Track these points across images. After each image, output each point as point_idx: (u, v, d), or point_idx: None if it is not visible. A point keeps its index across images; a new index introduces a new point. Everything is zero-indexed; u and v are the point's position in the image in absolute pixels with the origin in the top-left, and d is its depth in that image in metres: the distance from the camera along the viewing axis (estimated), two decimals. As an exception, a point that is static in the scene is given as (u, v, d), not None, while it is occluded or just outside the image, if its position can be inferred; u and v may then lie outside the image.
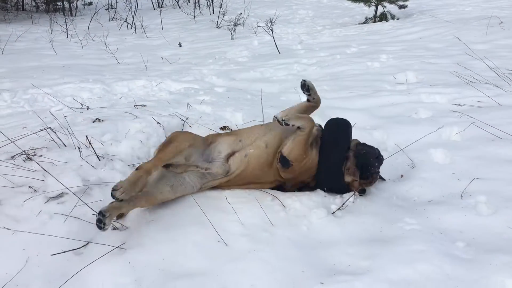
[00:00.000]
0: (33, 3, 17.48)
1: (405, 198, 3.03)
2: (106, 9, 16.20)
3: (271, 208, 2.73)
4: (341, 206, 2.77)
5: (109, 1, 17.00)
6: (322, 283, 2.15)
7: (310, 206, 2.75)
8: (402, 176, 3.38)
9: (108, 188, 2.84)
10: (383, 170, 3.40)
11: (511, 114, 4.15)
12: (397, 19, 11.54)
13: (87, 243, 2.43)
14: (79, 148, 3.12)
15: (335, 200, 2.85)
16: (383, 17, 11.69)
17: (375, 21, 11.68)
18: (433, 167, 3.40)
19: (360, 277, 2.17)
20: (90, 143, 3.07)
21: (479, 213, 2.74)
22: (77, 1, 17.37)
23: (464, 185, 3.03)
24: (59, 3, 17.10)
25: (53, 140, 3.28)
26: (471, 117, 4.09)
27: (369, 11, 12.31)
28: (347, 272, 2.23)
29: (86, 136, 3.16)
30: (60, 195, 2.68)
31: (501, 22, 9.27)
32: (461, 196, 2.94)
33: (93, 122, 3.73)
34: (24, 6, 17.54)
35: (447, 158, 3.53)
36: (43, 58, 8.83)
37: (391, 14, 11.76)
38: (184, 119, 3.89)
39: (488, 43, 7.89)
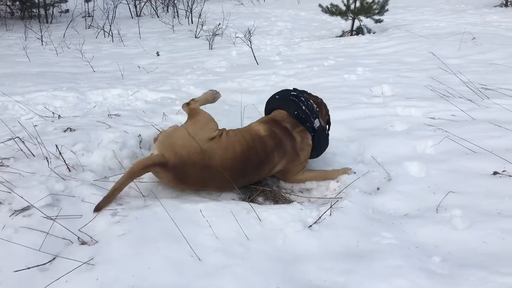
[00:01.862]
0: (8, 10, 17.11)
1: (381, 211, 3.01)
2: (83, 17, 15.98)
3: (246, 221, 2.67)
4: (318, 219, 2.74)
5: (86, 9, 16.78)
6: (297, 299, 2.11)
7: (286, 219, 2.71)
8: (378, 189, 3.37)
9: (76, 200, 2.75)
10: (361, 183, 3.40)
11: (484, 128, 4.21)
12: (373, 33, 11.70)
13: (54, 258, 2.33)
14: (47, 158, 3.01)
15: (311, 213, 2.81)
16: (359, 31, 11.83)
17: (351, 35, 11.81)
18: (409, 180, 3.41)
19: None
20: (60, 153, 2.96)
21: (454, 227, 2.74)
22: (53, 8, 17.06)
23: (439, 199, 3.04)
24: (34, 10, 16.78)
25: (21, 150, 3.17)
26: (445, 131, 4.13)
27: (346, 24, 12.45)
28: (323, 282, 2.19)
29: (56, 146, 3.05)
30: (27, 208, 2.56)
31: (474, 38, 9.48)
32: (437, 209, 2.94)
33: (64, 131, 3.61)
34: (-1, 13, 17.16)
35: (422, 172, 3.54)
36: (16, 65, 8.63)
37: (367, 28, 11.91)
38: (160, 130, 3.81)
39: (462, 58, 8.05)
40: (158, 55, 9.95)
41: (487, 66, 7.34)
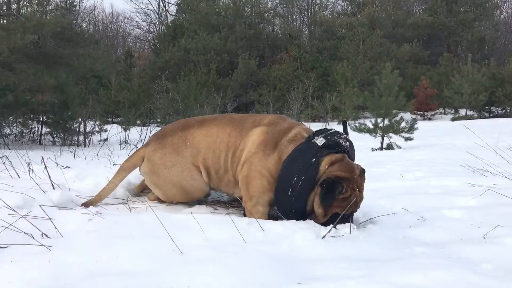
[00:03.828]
0: (51, 138, 18.07)
1: (414, 238, 2.47)
2: (119, 144, 16.62)
3: (246, 229, 2.21)
4: (332, 227, 2.23)
5: (124, 137, 17.54)
6: (300, 283, 1.58)
7: (294, 229, 2.23)
8: (410, 227, 2.83)
9: (52, 208, 2.38)
10: (389, 220, 2.88)
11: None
12: (404, 149, 11.51)
13: (6, 247, 1.91)
14: (30, 168, 2.71)
15: (327, 228, 2.31)
16: (389, 147, 11.68)
17: (381, 150, 11.65)
18: (448, 220, 2.90)
19: (354, 278, 1.60)
20: (45, 166, 2.68)
21: (507, 245, 2.18)
22: (92, 136, 17.94)
23: (486, 231, 2.50)
24: (74, 138, 17.66)
25: (6, 169, 2.90)
26: (489, 189, 3.64)
27: (374, 142, 12.36)
28: (336, 277, 1.66)
29: (42, 157, 2.77)
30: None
31: (510, 147, 9.12)
32: (484, 237, 2.40)
33: (63, 168, 3.36)
34: (41, 141, 18.12)
35: (463, 215, 3.03)
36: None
37: (397, 145, 11.75)
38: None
39: (500, 159, 7.63)
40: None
41: (529, 164, 6.88)
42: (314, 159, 2.48)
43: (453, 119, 26.18)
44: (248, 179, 2.58)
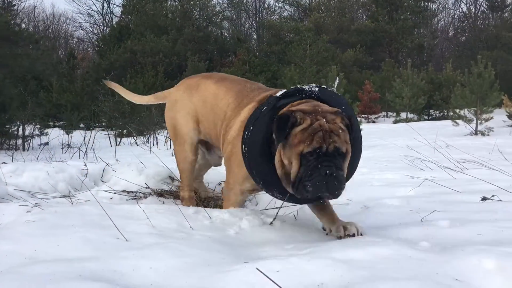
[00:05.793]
0: (-17, 142, 17.15)
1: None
2: (61, 148, 16.01)
3: (193, 217, 2.21)
4: (277, 214, 2.27)
5: (67, 141, 16.93)
6: (246, 262, 1.59)
7: (241, 216, 2.24)
8: (353, 214, 2.93)
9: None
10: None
11: (468, 178, 3.94)
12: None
13: None
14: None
15: (273, 215, 2.35)
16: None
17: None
18: (389, 207, 3.02)
19: (298, 256, 1.64)
20: (-20, 159, 2.54)
21: (443, 227, 2.30)
22: (31, 140, 17.17)
23: (423, 215, 2.63)
24: (12, 142, 16.81)
25: None
26: (427, 179, 3.82)
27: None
28: (282, 256, 1.69)
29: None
30: None
31: (448, 146, 9.57)
32: (421, 220, 2.52)
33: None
34: (-26, 146, 17.15)
35: (403, 203, 3.16)
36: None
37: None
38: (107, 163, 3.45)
39: (438, 156, 8.00)
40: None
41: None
42: (265, 107, 2.15)
43: (395, 122, 27.10)
44: (230, 163, 2.36)
